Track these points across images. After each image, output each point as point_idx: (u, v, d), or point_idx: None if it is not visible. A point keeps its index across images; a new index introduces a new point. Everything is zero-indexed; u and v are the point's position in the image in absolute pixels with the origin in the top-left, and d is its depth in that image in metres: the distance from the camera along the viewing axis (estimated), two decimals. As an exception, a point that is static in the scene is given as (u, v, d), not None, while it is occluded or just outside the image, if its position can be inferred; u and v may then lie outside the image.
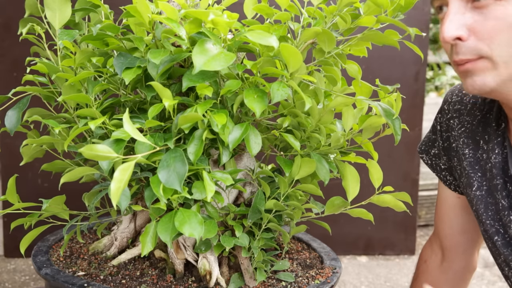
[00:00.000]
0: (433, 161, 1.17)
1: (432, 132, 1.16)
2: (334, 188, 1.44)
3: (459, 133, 1.07)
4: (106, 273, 1.13)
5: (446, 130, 1.10)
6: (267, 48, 1.00)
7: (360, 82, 1.12)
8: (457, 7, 0.85)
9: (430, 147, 1.17)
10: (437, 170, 1.17)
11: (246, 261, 1.15)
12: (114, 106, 1.10)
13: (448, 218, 1.22)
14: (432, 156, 1.16)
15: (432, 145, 1.16)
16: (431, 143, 1.16)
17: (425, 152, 1.18)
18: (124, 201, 0.94)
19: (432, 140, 1.15)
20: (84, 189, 1.32)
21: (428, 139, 1.18)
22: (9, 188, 1.11)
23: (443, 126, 1.11)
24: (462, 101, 1.12)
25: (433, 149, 1.15)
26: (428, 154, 1.18)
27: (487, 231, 1.03)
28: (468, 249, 1.25)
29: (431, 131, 1.17)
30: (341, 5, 1.04)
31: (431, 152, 1.16)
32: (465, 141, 1.06)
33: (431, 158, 1.17)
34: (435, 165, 1.17)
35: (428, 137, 1.18)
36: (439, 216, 1.24)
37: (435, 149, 1.15)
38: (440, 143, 1.12)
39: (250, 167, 1.19)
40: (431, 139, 1.16)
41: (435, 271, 1.28)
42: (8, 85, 1.37)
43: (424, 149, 1.18)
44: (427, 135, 1.19)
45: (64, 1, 1.04)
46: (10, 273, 2.30)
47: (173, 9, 0.91)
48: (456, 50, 0.88)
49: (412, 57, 2.43)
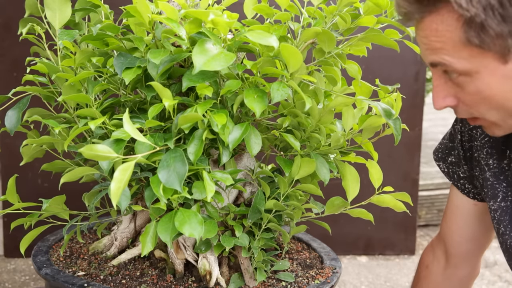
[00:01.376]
0: (450, 169, 1.15)
1: (449, 140, 1.13)
2: (334, 188, 1.44)
3: (482, 143, 1.04)
4: (106, 273, 1.13)
5: (468, 140, 1.08)
6: (267, 48, 1.00)
7: (360, 82, 1.12)
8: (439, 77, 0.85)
9: (447, 155, 1.14)
10: (454, 178, 1.15)
11: (246, 261, 1.15)
12: (114, 106, 1.10)
13: (457, 225, 1.20)
14: (449, 164, 1.14)
15: (449, 153, 1.14)
16: (448, 151, 1.14)
17: (441, 159, 1.16)
18: (124, 201, 0.94)
19: (450, 148, 1.13)
20: (84, 189, 1.32)
21: (445, 147, 1.15)
22: (9, 188, 1.11)
23: (465, 136, 1.08)
24: None
25: (450, 157, 1.13)
26: (445, 162, 1.15)
27: (510, 243, 1.00)
28: (474, 256, 1.23)
29: (447, 139, 1.14)
30: (341, 5, 1.04)
31: (448, 160, 1.14)
32: (489, 151, 1.03)
33: (447, 166, 1.15)
34: (452, 173, 1.15)
35: (444, 145, 1.15)
36: (447, 223, 1.22)
37: (452, 157, 1.13)
38: (460, 152, 1.10)
39: (250, 167, 1.19)
40: (448, 147, 1.14)
41: (437, 277, 1.27)
42: (8, 85, 1.37)
43: (441, 156, 1.16)
44: (443, 143, 1.17)
45: (64, 1, 1.04)
46: (10, 273, 2.30)
47: (173, 9, 0.91)
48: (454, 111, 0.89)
49: (412, 57, 2.42)
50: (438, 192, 3.13)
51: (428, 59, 0.83)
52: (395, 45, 1.04)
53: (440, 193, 3.13)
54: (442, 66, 0.82)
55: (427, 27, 0.80)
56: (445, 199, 3.13)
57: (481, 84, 0.80)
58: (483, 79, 0.80)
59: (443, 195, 3.12)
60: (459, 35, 0.76)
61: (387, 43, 1.04)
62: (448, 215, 1.22)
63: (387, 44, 1.04)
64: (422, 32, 0.81)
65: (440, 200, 3.12)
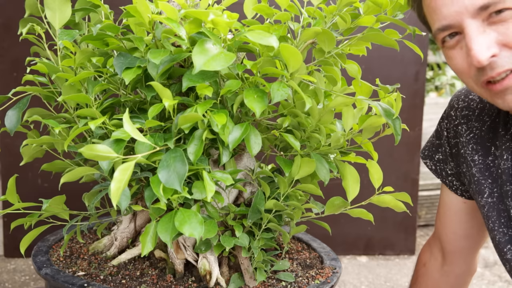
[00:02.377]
0: (437, 166, 1.15)
1: (436, 137, 1.14)
2: (334, 188, 1.44)
3: (467, 140, 1.05)
4: (106, 273, 1.13)
5: (454, 136, 1.09)
6: (267, 48, 1.00)
7: (360, 82, 1.12)
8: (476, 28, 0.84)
9: (434, 152, 1.15)
10: (442, 175, 1.16)
11: (246, 261, 1.15)
12: (114, 106, 1.10)
13: (451, 223, 1.21)
14: (436, 161, 1.15)
15: (436, 150, 1.14)
16: (435, 148, 1.14)
17: (428, 157, 1.17)
18: (124, 201, 0.94)
19: (436, 145, 1.14)
20: (84, 189, 1.32)
21: (432, 144, 1.16)
22: (9, 188, 1.11)
23: (451, 132, 1.09)
24: (470, 106, 1.10)
25: (438, 154, 1.14)
26: (432, 159, 1.16)
27: (498, 239, 1.01)
28: (471, 253, 1.24)
29: (434, 136, 1.15)
30: (341, 5, 1.04)
31: (435, 157, 1.15)
32: (474, 148, 1.04)
33: (435, 163, 1.15)
34: (439, 170, 1.15)
35: (431, 142, 1.16)
36: (441, 221, 1.23)
37: (439, 154, 1.13)
38: (447, 149, 1.11)
39: (250, 167, 1.19)
40: (435, 144, 1.14)
41: (435, 275, 1.28)
42: (8, 85, 1.36)
43: (428, 154, 1.17)
44: (430, 140, 1.18)
45: (64, 1, 1.04)
46: (10, 273, 2.30)
47: (173, 9, 0.91)
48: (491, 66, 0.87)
49: (412, 57, 2.42)
50: (438, 192, 3.13)
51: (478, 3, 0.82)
52: (394, 44, 1.04)
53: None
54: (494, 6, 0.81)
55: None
56: (445, 199, 3.13)
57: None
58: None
59: (443, 195, 3.12)
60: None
61: (387, 42, 1.04)
62: (441, 213, 1.23)
63: (387, 43, 1.04)
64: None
65: (440, 200, 3.12)
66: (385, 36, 1.03)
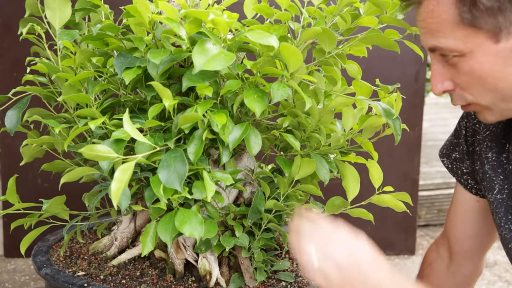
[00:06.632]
0: (453, 165, 1.17)
1: (455, 136, 1.16)
2: (334, 188, 1.44)
3: (483, 137, 1.07)
4: (106, 273, 1.13)
5: (472, 134, 1.11)
6: (267, 48, 1.00)
7: (360, 82, 1.12)
8: (437, 62, 0.89)
9: (451, 151, 1.17)
10: (458, 174, 1.17)
11: (246, 261, 1.15)
12: (114, 106, 1.10)
13: (461, 222, 1.21)
14: (453, 160, 1.16)
15: (453, 149, 1.16)
16: (453, 147, 1.16)
17: (446, 155, 1.18)
18: (124, 201, 0.94)
19: (454, 144, 1.15)
20: (84, 189, 1.32)
21: (450, 143, 1.17)
22: (9, 188, 1.11)
23: (469, 130, 1.11)
24: None
25: (455, 153, 1.16)
26: (449, 157, 1.17)
27: (504, 235, 1.02)
28: (478, 254, 1.24)
29: (453, 135, 1.17)
30: (341, 5, 1.04)
31: (452, 156, 1.16)
32: (489, 145, 1.05)
33: (451, 162, 1.17)
34: (455, 169, 1.17)
35: (450, 141, 1.18)
36: (451, 219, 1.23)
37: (456, 153, 1.15)
38: (464, 148, 1.12)
39: (250, 167, 1.19)
40: (453, 143, 1.16)
41: (441, 275, 1.27)
42: (8, 85, 1.37)
43: (446, 152, 1.18)
44: (448, 139, 1.19)
45: (64, 1, 1.04)
46: (10, 273, 2.30)
47: (173, 9, 0.91)
48: (450, 97, 0.93)
49: (412, 57, 2.42)
50: (438, 192, 3.14)
51: (427, 44, 0.87)
52: (395, 46, 1.04)
53: (440, 193, 3.13)
54: (439, 50, 0.86)
55: (424, 9, 0.85)
56: (445, 199, 3.13)
57: (474, 63, 0.84)
58: (476, 59, 0.83)
59: (443, 195, 3.13)
60: (453, 15, 0.81)
61: (388, 44, 1.04)
62: (452, 212, 1.23)
63: (388, 45, 1.04)
64: (421, 16, 0.86)
65: (440, 200, 3.12)
66: (386, 38, 1.03)
